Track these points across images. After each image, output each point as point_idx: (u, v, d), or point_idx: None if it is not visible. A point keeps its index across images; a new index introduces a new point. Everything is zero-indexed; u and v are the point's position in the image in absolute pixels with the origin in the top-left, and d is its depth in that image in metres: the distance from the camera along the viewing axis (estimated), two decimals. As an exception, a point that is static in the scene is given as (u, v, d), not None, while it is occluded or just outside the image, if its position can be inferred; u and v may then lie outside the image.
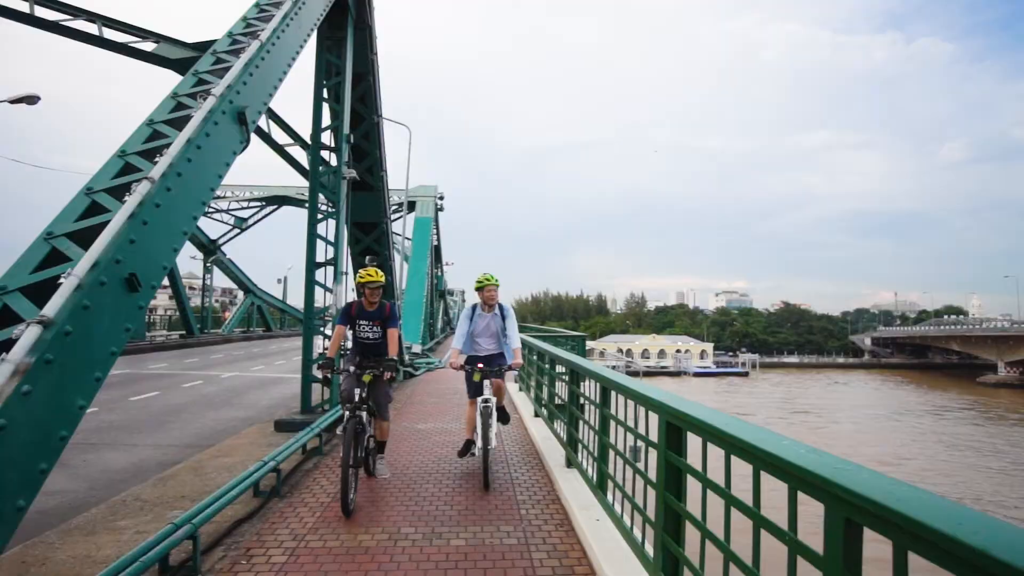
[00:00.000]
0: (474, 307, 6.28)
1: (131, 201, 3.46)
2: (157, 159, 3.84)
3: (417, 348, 21.42)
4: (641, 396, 3.34)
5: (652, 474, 3.12)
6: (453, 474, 6.11)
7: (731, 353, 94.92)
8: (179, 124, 4.25)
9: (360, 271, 5.67)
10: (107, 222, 3.34)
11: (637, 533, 3.40)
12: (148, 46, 11.58)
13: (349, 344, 5.88)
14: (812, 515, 1.73)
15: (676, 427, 2.84)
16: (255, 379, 17.06)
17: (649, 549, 3.08)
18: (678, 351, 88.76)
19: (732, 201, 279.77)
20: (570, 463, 5.71)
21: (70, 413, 2.90)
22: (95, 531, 4.61)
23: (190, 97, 4.57)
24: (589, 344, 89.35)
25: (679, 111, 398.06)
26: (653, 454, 3.11)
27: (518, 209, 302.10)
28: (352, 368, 5.36)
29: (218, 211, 41.57)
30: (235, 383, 16.06)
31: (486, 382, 5.93)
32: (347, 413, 5.05)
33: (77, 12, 10.81)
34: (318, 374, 5.63)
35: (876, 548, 1.60)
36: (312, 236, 8.91)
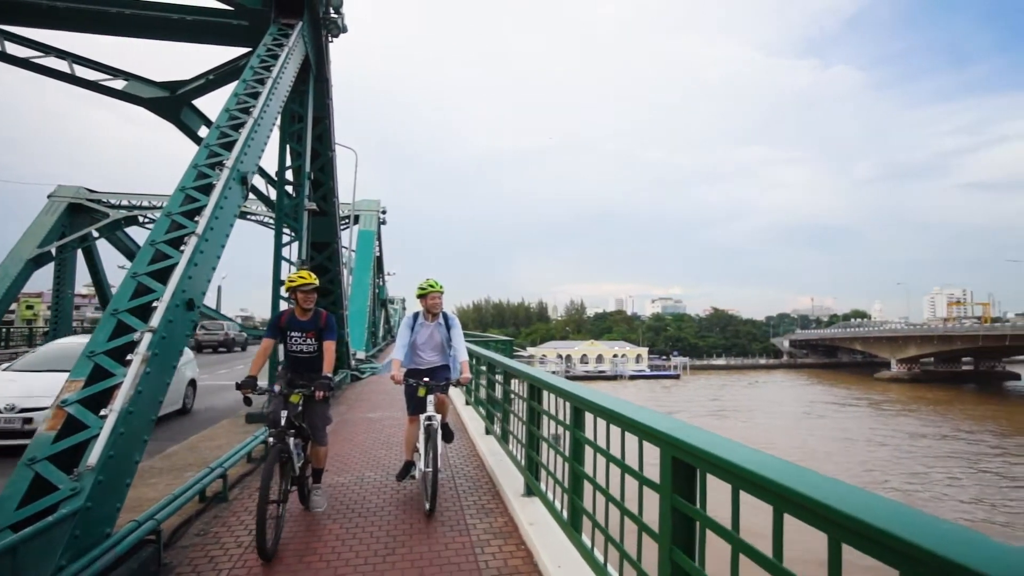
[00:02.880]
0: (415, 316, 5.78)
1: (187, 250, 5.24)
2: (197, 219, 5.61)
3: (361, 355, 23.02)
4: (520, 372, 5.46)
5: (528, 420, 5.18)
6: (400, 442, 7.98)
7: (664, 357, 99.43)
8: (205, 190, 6.02)
9: (290, 275, 4.97)
10: (173, 265, 5.12)
11: (519, 457, 5.43)
12: (119, 84, 12.78)
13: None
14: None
15: (535, 388, 4.91)
16: (203, 387, 18.13)
17: (521, 460, 5.13)
18: (615, 356, 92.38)
19: (672, 211, 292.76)
20: (488, 431, 7.74)
21: (163, 386, 4.67)
22: (135, 486, 6.22)
23: (208, 167, 6.32)
24: (530, 350, 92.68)
25: (625, 123, 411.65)
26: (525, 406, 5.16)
27: (461, 216, 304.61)
28: (278, 388, 4.75)
29: (154, 221, 41.50)
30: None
31: (430, 397, 5.37)
32: (271, 440, 4.46)
33: (47, 50, 11.65)
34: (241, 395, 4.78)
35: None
36: (278, 259, 10.59)
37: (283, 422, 4.53)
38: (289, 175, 11.16)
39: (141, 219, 39.05)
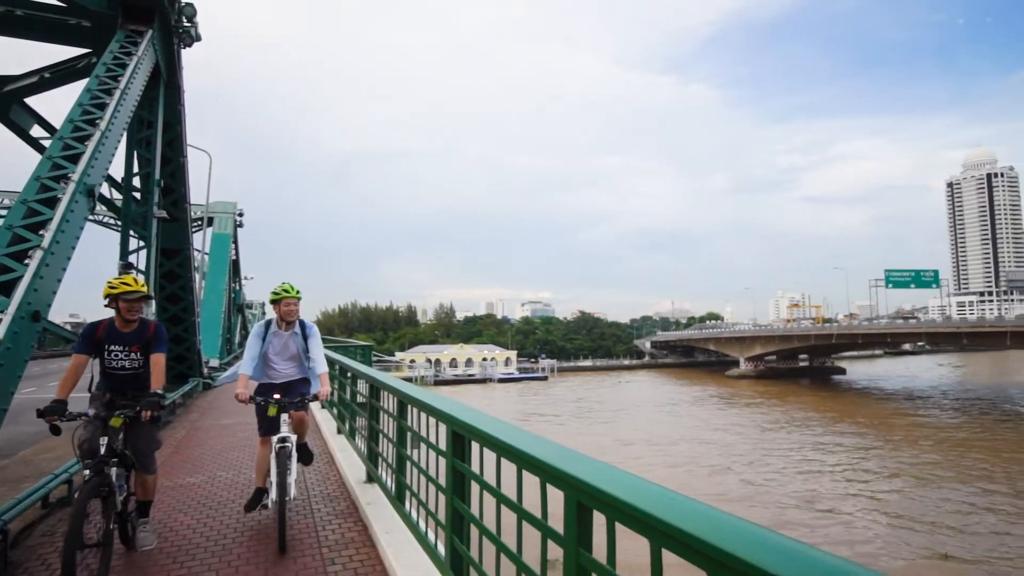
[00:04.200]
0: (268, 324, 5.29)
1: (32, 264, 5.40)
2: (42, 232, 5.75)
3: (215, 362, 22.28)
4: (362, 374, 6.21)
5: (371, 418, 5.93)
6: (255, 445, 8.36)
7: (533, 360, 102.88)
8: (50, 203, 6.12)
9: (110, 280, 4.41)
10: (17, 278, 5.28)
11: (363, 449, 6.17)
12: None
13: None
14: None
15: (375, 387, 5.68)
16: (33, 400, 16.71)
17: (362, 446, 5.88)
18: (484, 359, 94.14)
19: (544, 216, 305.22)
20: (339, 431, 8.36)
21: (8, 395, 4.87)
22: (-32, 498, 6.15)
23: (52, 180, 6.39)
24: (399, 355, 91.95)
25: (495, 128, 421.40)
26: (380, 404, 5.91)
27: (332, 219, 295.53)
28: (93, 411, 4.14)
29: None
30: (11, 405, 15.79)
31: (284, 416, 4.95)
32: (87, 473, 3.83)
33: None
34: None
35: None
36: (126, 267, 10.38)
37: (103, 451, 3.97)
38: (137, 181, 10.95)
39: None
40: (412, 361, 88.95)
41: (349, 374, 7.78)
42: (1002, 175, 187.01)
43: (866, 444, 35.72)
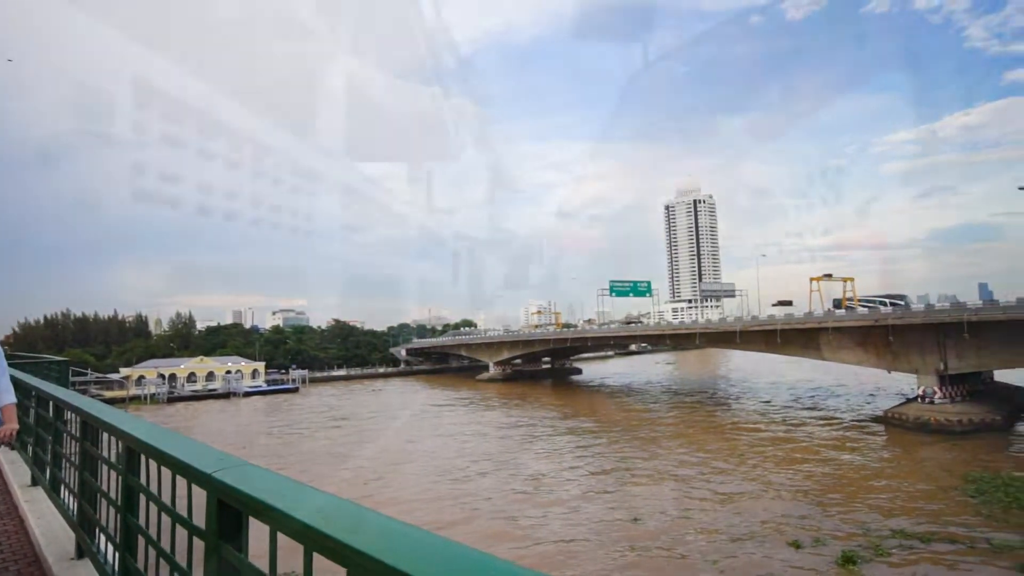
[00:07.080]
0: None
1: None
2: None
3: None
4: (27, 384, 6.71)
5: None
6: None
7: (283, 371, 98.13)
8: None
9: None
10: None
11: (29, 453, 6.66)
12: None
13: None
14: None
15: (41, 397, 6.31)
16: None
17: (30, 454, 6.45)
18: (228, 372, 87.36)
19: (304, 220, 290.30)
20: (12, 447, 8.40)
21: None
22: None
23: None
24: (124, 371, 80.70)
25: (254, 124, 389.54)
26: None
27: (39, 214, 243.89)
28: None
29: None
30: None
31: None
32: None
33: None
34: None
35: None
36: None
37: None
38: None
39: None
40: (141, 377, 78.93)
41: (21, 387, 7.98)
42: (704, 202, 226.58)
43: (591, 437, 39.83)
